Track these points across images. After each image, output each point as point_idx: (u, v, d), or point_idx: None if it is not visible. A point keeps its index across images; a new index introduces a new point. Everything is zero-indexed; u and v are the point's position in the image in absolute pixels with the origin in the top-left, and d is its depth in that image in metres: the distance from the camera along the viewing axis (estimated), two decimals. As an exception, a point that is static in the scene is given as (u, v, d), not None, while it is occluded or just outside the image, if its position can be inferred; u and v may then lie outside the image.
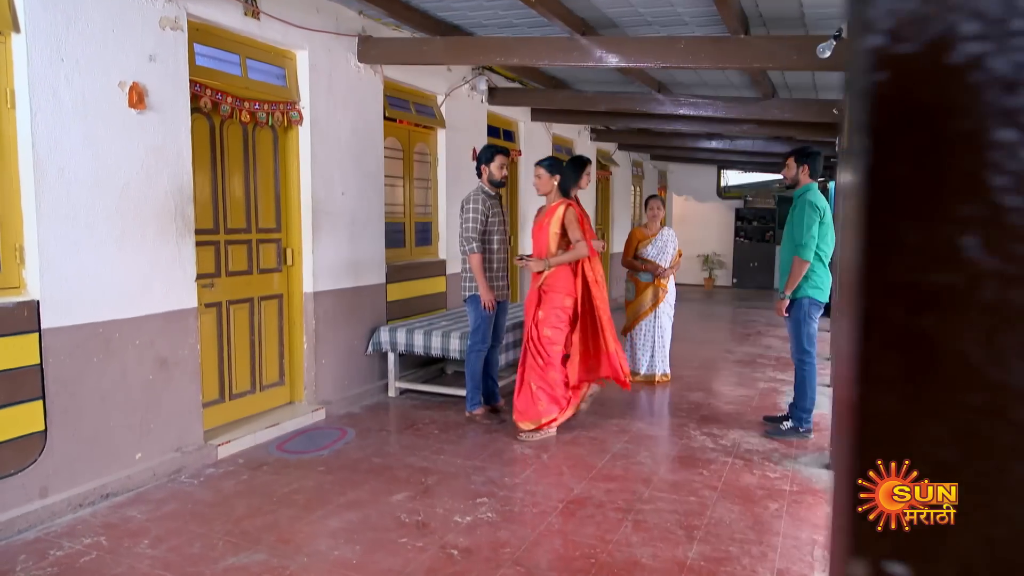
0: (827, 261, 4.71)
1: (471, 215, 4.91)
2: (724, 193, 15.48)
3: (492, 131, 7.61)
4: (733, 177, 15.69)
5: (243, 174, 4.64)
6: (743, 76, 6.04)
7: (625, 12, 4.36)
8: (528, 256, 4.83)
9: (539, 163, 4.80)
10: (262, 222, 4.82)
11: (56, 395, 3.38)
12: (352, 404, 5.38)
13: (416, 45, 5.13)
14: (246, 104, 4.50)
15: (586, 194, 10.57)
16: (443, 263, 6.74)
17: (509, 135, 8.23)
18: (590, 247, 4.67)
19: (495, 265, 5.06)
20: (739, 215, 15.27)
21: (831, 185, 8.50)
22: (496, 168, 5.03)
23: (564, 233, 4.67)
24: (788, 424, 4.82)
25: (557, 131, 9.26)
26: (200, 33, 4.17)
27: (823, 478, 4.06)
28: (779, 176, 15.29)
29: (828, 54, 3.33)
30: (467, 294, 5.06)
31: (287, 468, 4.08)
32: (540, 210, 4.92)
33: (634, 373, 6.34)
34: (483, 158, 5.05)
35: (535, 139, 8.63)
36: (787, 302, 4.66)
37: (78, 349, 3.47)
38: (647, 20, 4.49)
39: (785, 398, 5.89)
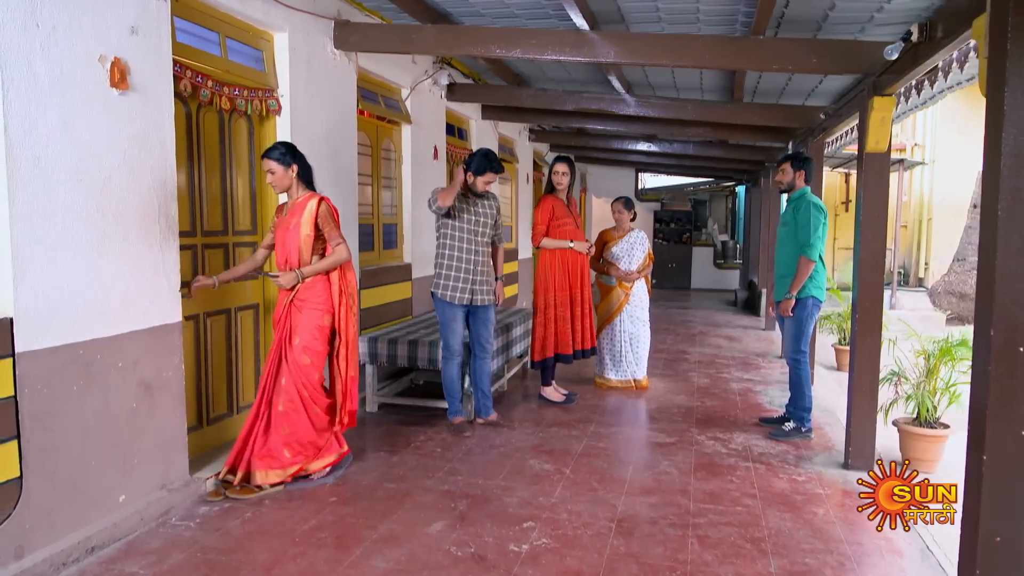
0: (823, 260, 4.79)
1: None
2: (642, 196, 15.80)
3: (448, 129, 7.26)
4: (649, 180, 16.06)
5: (219, 169, 4.09)
6: (717, 79, 6.06)
7: (641, 7, 4.20)
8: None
9: (267, 154, 3.70)
10: (239, 223, 4.28)
11: (33, 433, 2.78)
12: (332, 423, 4.90)
13: (404, 32, 4.74)
14: (226, 89, 3.97)
15: (525, 194, 10.45)
16: (408, 267, 6.34)
17: (462, 133, 7.91)
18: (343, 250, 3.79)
19: (468, 267, 4.70)
20: (657, 217, 15.63)
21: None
22: (482, 183, 4.67)
23: (319, 235, 3.75)
24: (791, 425, 4.84)
25: (503, 130, 9.03)
26: (180, 5, 3.62)
27: (847, 479, 4.07)
28: (694, 180, 15.86)
29: (896, 56, 3.33)
30: (431, 290, 4.82)
31: (293, 500, 3.61)
32: (280, 208, 3.89)
33: (604, 379, 6.21)
34: (472, 167, 4.65)
35: (485, 138, 8.35)
36: (793, 302, 4.68)
37: (56, 376, 2.87)
38: (659, 16, 4.36)
39: (764, 397, 5.98)
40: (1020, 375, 2.18)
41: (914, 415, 4.36)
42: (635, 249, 6.16)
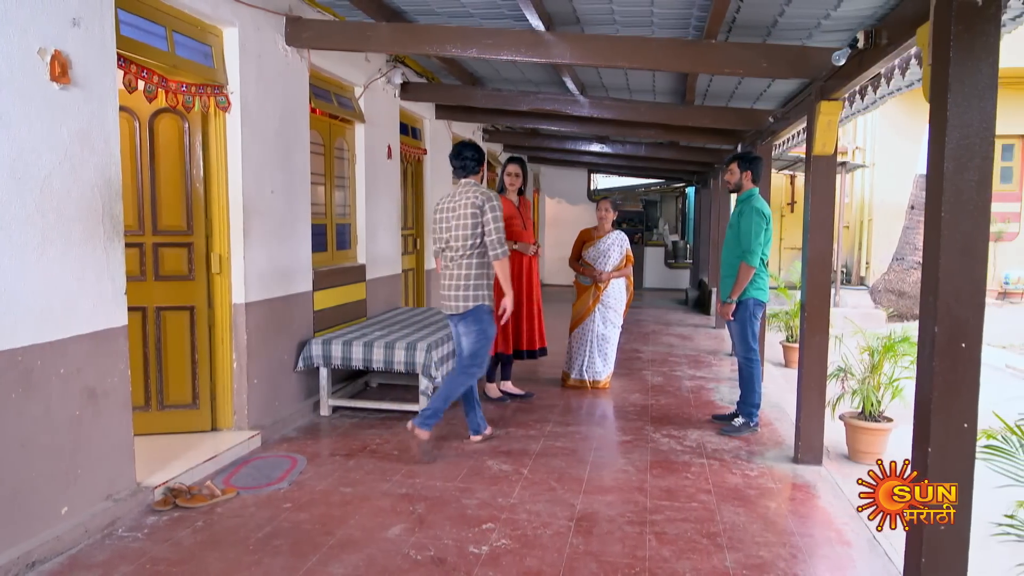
0: (767, 263, 4.89)
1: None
2: (594, 196, 15.94)
3: (402, 128, 7.20)
4: (601, 181, 16.21)
5: (177, 167, 3.96)
6: (669, 81, 6.15)
7: (596, 8, 4.23)
8: None
9: None
10: (183, 222, 4.16)
11: (-32, 444, 2.64)
12: (285, 427, 4.81)
13: (358, 30, 4.67)
14: (172, 85, 3.84)
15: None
16: (363, 268, 6.26)
17: (416, 133, 7.85)
18: None
19: (443, 274, 4.42)
20: (609, 217, 15.75)
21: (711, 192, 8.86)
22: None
23: None
24: (740, 420, 4.94)
25: (456, 130, 9.00)
26: (125, -3, 3.49)
27: (797, 472, 4.19)
28: (645, 181, 16.06)
29: (843, 62, 3.42)
30: (471, 304, 4.30)
31: (247, 508, 3.52)
32: None
33: (568, 377, 6.25)
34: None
35: (439, 137, 8.32)
36: (734, 306, 4.77)
37: (-7, 383, 2.74)
38: (614, 19, 4.40)
39: (716, 394, 6.10)
40: (962, 370, 2.27)
41: (859, 409, 4.51)
42: (611, 251, 6.16)
